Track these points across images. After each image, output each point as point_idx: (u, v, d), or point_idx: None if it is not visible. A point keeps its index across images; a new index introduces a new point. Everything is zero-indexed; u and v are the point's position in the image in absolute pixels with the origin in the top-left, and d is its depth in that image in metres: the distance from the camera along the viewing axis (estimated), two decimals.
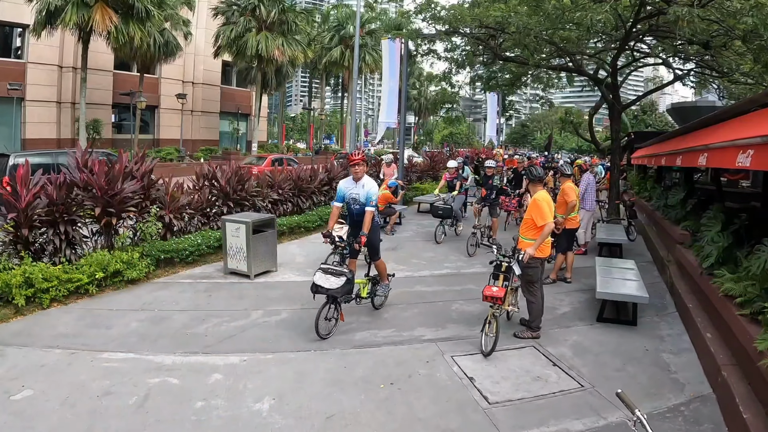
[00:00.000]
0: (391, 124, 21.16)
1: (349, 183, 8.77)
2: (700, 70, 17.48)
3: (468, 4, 17.09)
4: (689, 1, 10.99)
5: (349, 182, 8.78)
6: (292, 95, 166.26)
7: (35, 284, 8.32)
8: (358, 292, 8.52)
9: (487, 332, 7.42)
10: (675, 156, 10.52)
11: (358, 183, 8.61)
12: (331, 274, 7.73)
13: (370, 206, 8.32)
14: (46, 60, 36.09)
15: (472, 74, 22.90)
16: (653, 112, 71.38)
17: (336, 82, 72.62)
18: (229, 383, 6.25)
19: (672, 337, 8.24)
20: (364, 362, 7.01)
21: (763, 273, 6.49)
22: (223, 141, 52.71)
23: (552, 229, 8.13)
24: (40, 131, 35.86)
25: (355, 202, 8.69)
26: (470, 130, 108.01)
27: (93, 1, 29.25)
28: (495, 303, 7.37)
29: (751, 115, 6.88)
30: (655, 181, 21.22)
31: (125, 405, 5.64)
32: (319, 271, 7.84)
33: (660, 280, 11.60)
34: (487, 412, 5.78)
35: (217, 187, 13.43)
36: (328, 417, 5.58)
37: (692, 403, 6.11)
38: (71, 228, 9.67)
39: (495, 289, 7.45)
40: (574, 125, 36.03)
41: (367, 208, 8.32)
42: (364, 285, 8.70)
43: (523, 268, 7.81)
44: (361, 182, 8.57)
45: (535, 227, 8.02)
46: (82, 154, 10.70)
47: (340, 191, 8.85)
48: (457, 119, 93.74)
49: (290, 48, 42.05)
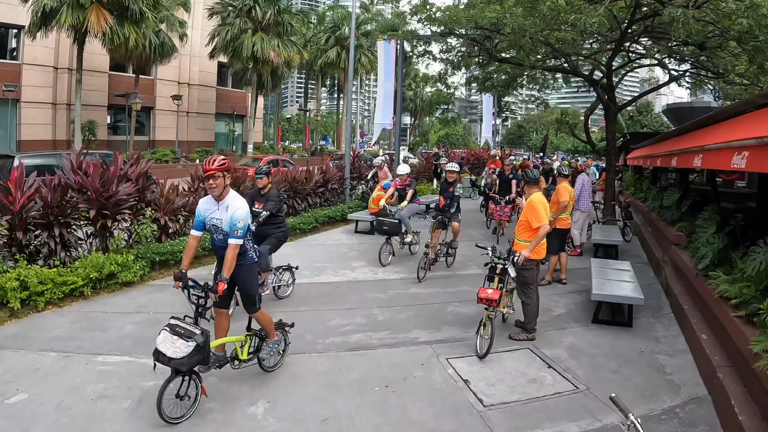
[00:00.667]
0: (386, 126, 21.13)
1: (210, 203, 6.13)
2: (696, 71, 17.49)
3: (463, 5, 17.09)
4: (684, 2, 10.99)
5: (210, 202, 6.14)
6: (288, 96, 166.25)
7: (30, 287, 8.29)
8: (234, 354, 6.25)
9: (482, 334, 7.40)
10: (670, 157, 10.54)
11: (220, 203, 6.01)
12: (180, 335, 5.32)
13: (235, 238, 5.83)
14: (42, 61, 36.02)
15: (467, 75, 22.94)
16: (649, 112, 71.59)
17: (332, 83, 72.59)
18: (223, 387, 6.24)
19: (667, 339, 8.25)
20: (359, 365, 7.01)
21: (759, 274, 6.49)
22: (218, 142, 52.68)
23: (548, 231, 8.14)
24: (36, 133, 35.79)
25: (216, 231, 6.09)
26: (466, 131, 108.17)
27: (88, 2, 29.17)
28: (490, 305, 7.38)
29: (746, 116, 6.89)
30: (651, 182, 21.24)
31: (120, 409, 5.62)
32: (165, 328, 5.43)
33: (655, 282, 11.62)
34: (482, 414, 5.78)
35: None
36: (322, 420, 5.57)
37: (688, 405, 6.11)
38: (66, 230, 9.63)
39: (490, 291, 7.44)
40: (570, 126, 35.96)
41: (231, 240, 5.84)
42: (244, 343, 6.36)
43: (519, 270, 7.83)
44: (224, 202, 5.98)
45: (531, 229, 8.05)
46: (76, 156, 10.69)
47: (198, 214, 6.20)
48: (452, 120, 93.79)
49: (286, 49, 42.08)
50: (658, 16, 12.72)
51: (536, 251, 8.04)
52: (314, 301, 9.34)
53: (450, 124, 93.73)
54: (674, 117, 31.91)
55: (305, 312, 8.78)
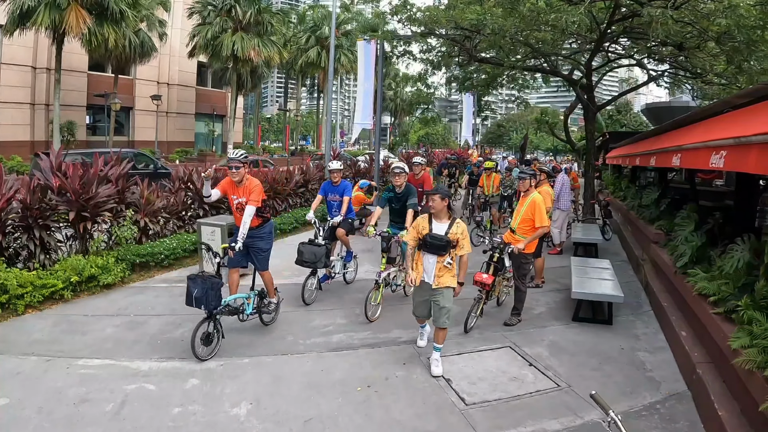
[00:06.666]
0: (366, 125, 21.08)
1: None
2: (674, 71, 17.64)
3: (444, 5, 17.12)
4: (663, 3, 11.09)
5: None
6: (268, 96, 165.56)
7: (10, 290, 8.21)
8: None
9: (472, 313, 8.21)
10: (649, 156, 10.62)
11: None
12: None
13: None
14: (20, 61, 35.72)
15: (447, 75, 22.97)
16: (628, 112, 71.84)
17: (312, 83, 72.28)
18: (206, 388, 6.22)
19: (647, 336, 8.32)
20: (341, 365, 7.01)
21: (737, 272, 6.57)
22: (198, 142, 52.51)
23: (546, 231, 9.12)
24: (14, 133, 35.44)
25: None
26: (446, 131, 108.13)
27: (66, 2, 28.91)
28: (483, 288, 8.14)
29: (724, 116, 6.99)
30: (630, 180, 21.39)
31: (102, 412, 5.58)
32: None
33: (635, 279, 11.70)
34: (464, 413, 5.81)
35: (193, 189, 13.34)
36: (305, 421, 5.57)
37: (668, 401, 6.18)
38: (45, 232, 9.54)
39: (485, 276, 8.13)
40: (550, 125, 36.17)
41: None
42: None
43: (519, 261, 8.64)
44: None
45: (533, 227, 8.62)
46: (56, 156, 10.60)
47: None
48: (433, 120, 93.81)
49: (266, 49, 41.91)
50: (637, 17, 12.83)
51: (530, 246, 8.72)
52: (295, 301, 9.30)
53: (430, 123, 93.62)
54: (653, 116, 32.17)
55: (287, 313, 8.77)
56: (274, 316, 8.33)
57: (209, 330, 6.95)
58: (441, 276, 6.73)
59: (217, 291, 6.82)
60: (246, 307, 7.72)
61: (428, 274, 6.81)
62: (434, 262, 6.72)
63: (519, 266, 8.67)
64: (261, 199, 7.74)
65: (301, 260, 9.11)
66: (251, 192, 7.58)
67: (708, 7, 11.94)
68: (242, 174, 7.69)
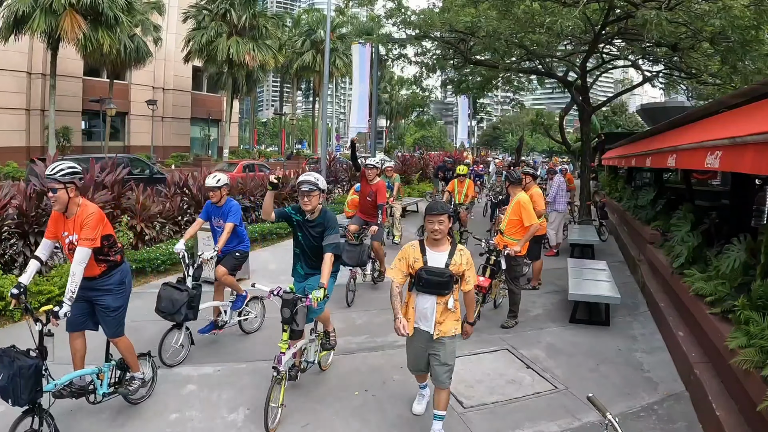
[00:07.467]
0: (362, 129, 21.15)
1: None
2: (669, 72, 17.67)
3: (438, 8, 17.15)
4: (657, 5, 11.10)
5: None
6: (264, 100, 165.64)
7: (6, 297, 8.18)
8: None
9: None
10: (645, 157, 10.61)
11: None
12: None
13: None
14: (15, 66, 35.68)
15: (443, 77, 23.03)
16: (623, 113, 72.02)
17: (307, 87, 72.43)
18: (204, 394, 6.20)
19: (644, 337, 8.33)
20: (338, 369, 7.00)
21: (733, 272, 6.57)
22: (194, 147, 52.46)
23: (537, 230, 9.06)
24: (9, 139, 35.38)
25: None
26: (442, 133, 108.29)
27: (61, 8, 28.92)
28: (480, 291, 8.13)
29: (719, 116, 7.00)
30: (626, 181, 21.40)
31: (99, 419, 5.56)
32: None
33: (632, 280, 11.72)
34: (462, 416, 5.80)
35: (189, 194, 13.33)
36: (303, 426, 5.54)
37: (666, 402, 6.18)
38: (42, 239, 9.51)
39: (482, 278, 8.27)
40: (545, 127, 36.23)
41: None
42: None
43: (510, 263, 8.65)
44: None
45: (522, 227, 8.72)
46: (52, 162, 10.56)
47: None
48: (428, 122, 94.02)
49: (261, 53, 42.00)
50: (631, 18, 12.85)
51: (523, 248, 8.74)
52: None
53: (426, 126, 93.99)
54: (648, 117, 32.17)
55: None
56: (146, 393, 6.02)
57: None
58: (442, 322, 5.12)
59: (31, 376, 4.69)
60: (97, 386, 5.42)
61: (425, 320, 5.15)
62: (433, 304, 5.08)
63: (509, 268, 8.70)
64: (99, 235, 5.30)
65: (158, 308, 6.93)
66: (83, 226, 5.20)
67: (702, 8, 11.95)
68: (64, 200, 5.22)
